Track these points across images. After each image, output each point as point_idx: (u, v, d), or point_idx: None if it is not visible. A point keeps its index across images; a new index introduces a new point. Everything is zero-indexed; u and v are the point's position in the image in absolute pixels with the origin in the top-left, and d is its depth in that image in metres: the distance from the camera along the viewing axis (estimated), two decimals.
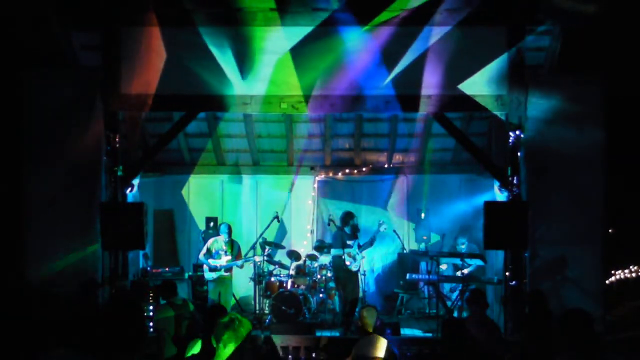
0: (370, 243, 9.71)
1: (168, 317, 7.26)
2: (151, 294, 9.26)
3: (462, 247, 10.13)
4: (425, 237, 11.18)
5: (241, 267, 9.98)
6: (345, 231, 9.60)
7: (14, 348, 3.49)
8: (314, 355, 7.67)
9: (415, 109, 8.59)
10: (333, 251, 9.63)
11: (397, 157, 11.92)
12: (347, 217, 9.73)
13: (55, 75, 8.42)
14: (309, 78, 8.26)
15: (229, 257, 9.78)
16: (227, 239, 9.85)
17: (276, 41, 8.25)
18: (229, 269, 9.81)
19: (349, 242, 9.52)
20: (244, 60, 8.26)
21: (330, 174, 11.93)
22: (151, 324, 7.62)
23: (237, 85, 8.31)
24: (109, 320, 3.10)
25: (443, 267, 10.12)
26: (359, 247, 9.57)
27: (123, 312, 3.12)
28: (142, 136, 9.89)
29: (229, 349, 4.25)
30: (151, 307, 8.81)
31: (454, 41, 8.20)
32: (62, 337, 4.11)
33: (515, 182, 8.31)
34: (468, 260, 9.72)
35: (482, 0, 8.15)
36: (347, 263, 9.43)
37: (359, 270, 9.65)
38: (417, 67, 8.20)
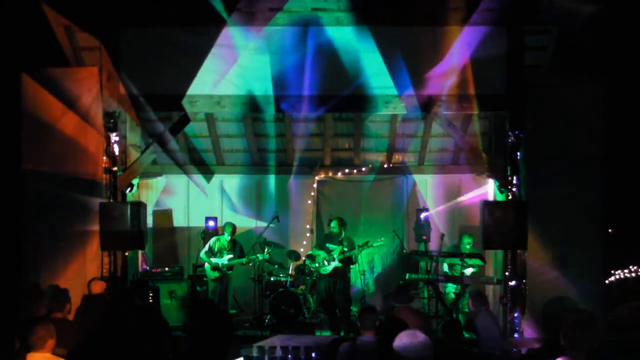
0: (350, 255, 9.55)
1: None
2: (150, 294, 9.27)
3: (468, 246, 10.03)
4: (425, 237, 11.15)
5: (247, 263, 10.06)
6: (332, 235, 9.72)
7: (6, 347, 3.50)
8: (313, 355, 7.65)
9: (416, 109, 8.58)
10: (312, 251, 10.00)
11: (397, 157, 11.90)
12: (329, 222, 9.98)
13: (55, 75, 8.40)
14: (308, 77, 8.26)
15: (231, 256, 9.94)
16: (229, 238, 9.96)
17: (274, 41, 8.24)
18: (230, 267, 9.94)
19: (329, 246, 9.59)
20: (243, 60, 8.25)
21: (330, 174, 11.92)
22: None
23: (236, 85, 8.31)
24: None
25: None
26: (340, 253, 9.52)
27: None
28: (142, 136, 9.89)
29: None
30: None
31: (453, 41, 8.18)
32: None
33: (514, 182, 8.30)
34: (468, 261, 9.68)
35: (482, 0, 8.14)
36: (317, 265, 9.64)
37: (334, 274, 9.51)
38: (416, 66, 8.20)
